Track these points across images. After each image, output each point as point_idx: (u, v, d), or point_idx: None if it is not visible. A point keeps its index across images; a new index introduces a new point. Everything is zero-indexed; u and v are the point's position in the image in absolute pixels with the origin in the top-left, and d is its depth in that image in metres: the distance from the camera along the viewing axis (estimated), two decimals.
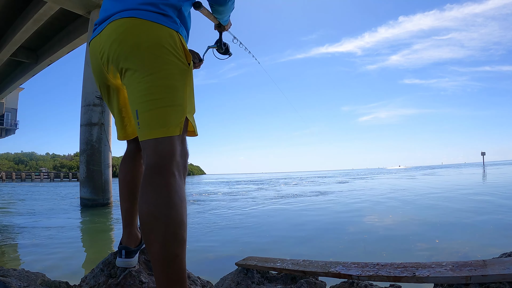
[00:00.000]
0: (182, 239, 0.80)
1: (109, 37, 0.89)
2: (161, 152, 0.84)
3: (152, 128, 0.85)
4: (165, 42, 0.88)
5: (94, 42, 0.96)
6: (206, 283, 1.32)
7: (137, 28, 0.87)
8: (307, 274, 1.29)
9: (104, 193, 8.27)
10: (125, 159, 1.14)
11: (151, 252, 0.78)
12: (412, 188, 10.69)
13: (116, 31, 0.88)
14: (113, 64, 0.90)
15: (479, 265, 1.02)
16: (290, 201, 8.27)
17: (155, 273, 0.78)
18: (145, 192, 0.81)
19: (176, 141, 0.87)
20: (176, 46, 0.90)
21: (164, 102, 0.86)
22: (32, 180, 36.75)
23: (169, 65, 0.87)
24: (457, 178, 16.82)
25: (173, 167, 0.83)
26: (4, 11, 11.50)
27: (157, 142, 0.85)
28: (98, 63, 0.95)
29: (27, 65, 16.56)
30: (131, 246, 1.12)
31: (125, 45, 0.87)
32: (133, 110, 0.88)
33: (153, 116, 0.85)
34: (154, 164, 0.83)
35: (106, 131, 8.51)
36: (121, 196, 1.13)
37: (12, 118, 29.39)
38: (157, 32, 0.87)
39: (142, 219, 0.79)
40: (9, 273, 1.15)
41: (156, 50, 0.86)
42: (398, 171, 42.51)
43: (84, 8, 9.09)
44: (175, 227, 0.78)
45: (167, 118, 0.86)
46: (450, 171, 29.25)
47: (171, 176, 0.82)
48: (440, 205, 6.06)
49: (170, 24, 0.91)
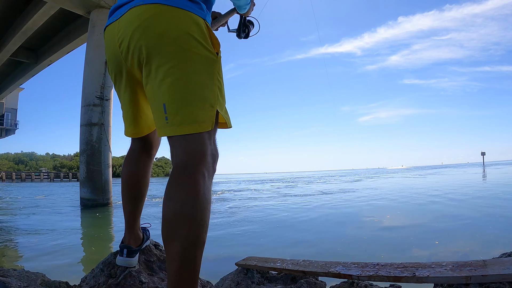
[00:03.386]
0: (203, 242, 0.78)
1: (130, 24, 0.83)
2: (192, 151, 0.80)
3: (182, 124, 0.80)
4: (193, 31, 0.82)
5: (112, 28, 0.89)
6: (206, 283, 1.32)
7: (163, 16, 0.81)
8: (307, 274, 1.28)
9: (104, 193, 8.26)
10: (129, 160, 1.10)
11: (169, 251, 0.76)
12: (435, 187, 10.57)
13: (139, 18, 0.81)
14: (134, 54, 0.84)
15: (479, 265, 1.02)
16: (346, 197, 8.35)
17: (169, 271, 0.76)
18: (172, 190, 0.78)
19: (207, 139, 0.83)
20: (204, 35, 0.84)
21: (195, 96, 0.81)
22: (32, 180, 36.69)
23: (198, 56, 0.82)
24: (467, 177, 16.77)
25: (203, 167, 0.80)
26: (4, 11, 11.50)
27: (187, 139, 0.81)
28: (115, 51, 0.89)
29: (27, 65, 16.55)
30: (133, 246, 1.13)
31: (150, 34, 0.80)
32: (160, 104, 0.82)
33: (184, 111, 0.80)
34: (183, 163, 0.80)
35: (106, 131, 8.51)
36: (124, 198, 1.10)
37: (12, 118, 29.38)
38: (185, 21, 0.82)
39: (166, 217, 0.77)
40: (9, 273, 1.15)
41: (184, 41, 0.81)
42: (402, 171, 42.50)
43: (84, 8, 9.09)
44: (198, 229, 0.76)
45: (198, 113, 0.81)
46: (454, 171, 29.24)
47: (201, 177, 0.79)
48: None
49: (198, 11, 0.85)
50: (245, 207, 7.26)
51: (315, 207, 6.78)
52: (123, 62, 0.90)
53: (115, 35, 0.87)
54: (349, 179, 21.20)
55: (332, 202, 7.48)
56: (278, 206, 7.25)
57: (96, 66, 8.59)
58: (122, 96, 1.00)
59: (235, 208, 7.06)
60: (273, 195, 10.46)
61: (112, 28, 0.89)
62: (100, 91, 8.49)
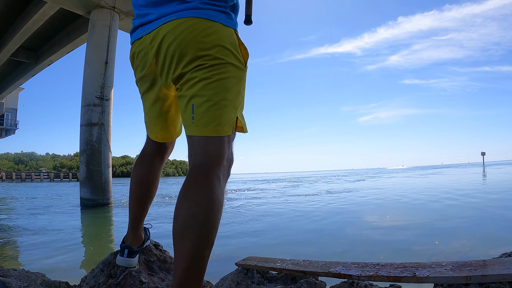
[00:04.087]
0: (212, 243, 0.80)
1: (166, 38, 0.85)
2: (211, 153, 0.83)
3: (207, 125, 0.84)
4: (226, 42, 0.86)
5: (143, 42, 0.91)
6: (206, 283, 1.32)
7: (197, 28, 0.84)
8: (307, 274, 1.28)
9: (104, 193, 8.26)
10: (141, 161, 1.10)
11: (179, 249, 0.77)
12: (438, 187, 10.61)
13: (174, 32, 0.84)
14: (170, 67, 0.87)
15: (479, 265, 1.02)
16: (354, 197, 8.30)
17: (177, 270, 0.77)
18: (188, 189, 0.80)
19: (226, 143, 0.86)
20: (236, 46, 0.88)
21: (222, 101, 0.85)
22: (32, 180, 36.70)
23: (230, 65, 0.86)
24: (471, 177, 16.72)
25: (219, 170, 0.83)
26: (4, 11, 11.50)
27: (209, 141, 0.84)
28: (149, 64, 0.91)
29: (27, 65, 16.54)
30: (134, 246, 1.13)
31: (185, 47, 0.83)
32: (189, 104, 0.85)
33: (210, 114, 0.84)
34: (202, 164, 0.83)
35: (106, 131, 8.50)
36: (131, 198, 1.10)
37: (12, 118, 29.40)
38: (218, 32, 0.85)
39: (179, 214, 0.79)
40: (9, 273, 1.15)
41: (218, 52, 0.84)
42: (403, 171, 42.47)
43: (84, 8, 9.08)
44: (209, 230, 0.78)
45: (222, 118, 0.85)
46: (456, 171, 29.25)
47: (216, 180, 0.81)
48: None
49: (228, 22, 0.88)
50: (254, 205, 7.27)
51: (322, 206, 6.76)
52: (158, 76, 0.93)
53: (149, 50, 0.89)
54: (352, 179, 21.18)
55: (343, 202, 7.43)
56: (287, 205, 7.27)
57: (96, 66, 8.58)
58: (152, 107, 1.02)
59: (245, 207, 7.07)
60: (280, 195, 10.45)
61: (144, 42, 0.91)
62: (100, 91, 8.48)
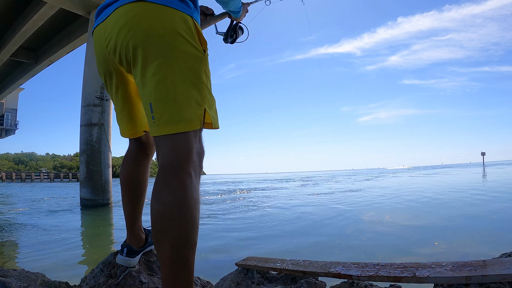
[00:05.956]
0: (194, 242, 0.77)
1: (116, 23, 0.82)
2: (178, 151, 0.79)
3: (168, 123, 0.79)
4: (180, 28, 0.81)
5: (99, 29, 0.88)
6: (206, 283, 1.32)
7: (149, 14, 0.80)
8: (307, 274, 1.28)
9: (104, 194, 8.26)
10: (126, 161, 1.09)
11: (161, 255, 0.75)
12: (445, 186, 10.58)
13: (125, 17, 0.81)
14: (122, 53, 0.83)
15: (479, 265, 1.02)
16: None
17: (163, 276, 0.75)
18: (159, 192, 0.77)
19: (193, 138, 0.82)
20: (191, 33, 0.83)
21: (182, 95, 0.80)
22: (32, 181, 36.71)
23: (185, 54, 0.81)
24: (476, 177, 16.60)
25: (189, 166, 0.79)
26: (4, 11, 11.49)
27: (174, 139, 0.79)
28: (103, 50, 0.88)
29: (27, 65, 16.54)
30: (134, 246, 1.13)
31: (136, 32, 0.80)
32: (146, 103, 0.81)
33: (170, 110, 0.79)
34: (169, 164, 0.79)
35: (106, 131, 8.51)
36: (123, 198, 1.10)
37: (12, 118, 29.38)
38: (171, 18, 0.81)
39: (154, 219, 0.75)
40: (9, 273, 1.15)
41: (170, 39, 0.80)
42: (404, 171, 42.41)
43: (84, 8, 9.10)
44: (188, 230, 0.74)
45: (185, 111, 0.80)
46: (457, 171, 29.17)
47: (187, 177, 0.77)
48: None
49: (184, 8, 0.84)
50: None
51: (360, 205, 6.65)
52: (111, 63, 0.90)
53: (103, 36, 0.87)
54: (357, 179, 20.99)
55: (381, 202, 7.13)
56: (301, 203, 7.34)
57: (96, 66, 8.59)
58: (115, 97, 0.99)
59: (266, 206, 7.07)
60: (310, 194, 10.31)
61: (100, 29, 0.88)
62: (100, 91, 8.48)
